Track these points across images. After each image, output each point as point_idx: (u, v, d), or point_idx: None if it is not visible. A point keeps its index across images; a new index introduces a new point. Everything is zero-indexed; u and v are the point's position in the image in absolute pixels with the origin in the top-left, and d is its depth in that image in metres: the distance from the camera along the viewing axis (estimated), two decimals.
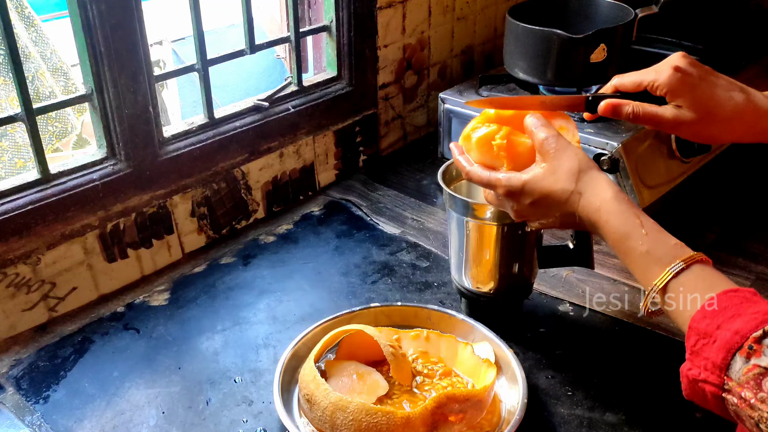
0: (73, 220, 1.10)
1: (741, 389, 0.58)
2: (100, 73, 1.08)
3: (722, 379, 0.59)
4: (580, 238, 1.02)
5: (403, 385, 0.93)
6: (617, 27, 1.30)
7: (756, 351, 0.57)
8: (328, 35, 1.44)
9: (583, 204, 0.75)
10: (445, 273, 1.20)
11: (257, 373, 1.00)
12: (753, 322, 0.59)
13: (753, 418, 0.57)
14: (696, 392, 0.64)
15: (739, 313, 0.60)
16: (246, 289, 1.17)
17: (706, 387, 0.61)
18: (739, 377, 0.58)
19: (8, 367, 1.02)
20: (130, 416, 0.93)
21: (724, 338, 0.60)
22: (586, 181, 0.75)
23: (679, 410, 0.92)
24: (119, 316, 1.12)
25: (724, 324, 0.60)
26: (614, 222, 0.72)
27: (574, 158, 0.76)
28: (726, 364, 0.59)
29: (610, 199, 0.73)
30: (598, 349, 1.03)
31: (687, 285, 0.67)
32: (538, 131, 0.79)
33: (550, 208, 0.78)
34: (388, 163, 1.57)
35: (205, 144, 1.25)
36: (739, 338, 0.58)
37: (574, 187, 0.75)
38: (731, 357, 0.58)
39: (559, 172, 0.76)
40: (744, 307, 0.61)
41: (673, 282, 0.67)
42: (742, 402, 0.58)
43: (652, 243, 0.70)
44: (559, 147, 0.77)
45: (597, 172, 0.76)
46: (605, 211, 0.73)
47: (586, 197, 0.74)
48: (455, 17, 1.63)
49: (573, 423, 0.91)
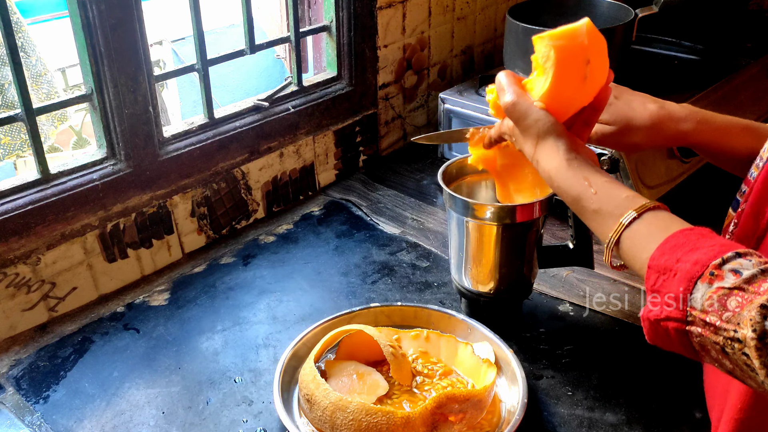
0: (73, 220, 1.10)
1: (705, 315, 0.58)
2: (100, 73, 1.08)
3: (684, 311, 0.60)
4: (580, 238, 1.02)
5: (403, 385, 0.93)
6: (617, 27, 1.30)
7: (717, 276, 0.58)
8: (328, 35, 1.44)
9: (541, 170, 0.79)
10: (445, 273, 1.20)
11: (257, 373, 1.00)
12: (711, 252, 0.60)
13: (718, 344, 0.58)
14: (659, 334, 0.64)
15: (697, 247, 0.61)
16: (246, 289, 1.17)
17: (669, 324, 0.61)
18: (702, 304, 0.58)
19: (8, 367, 1.02)
20: (130, 416, 0.93)
21: (684, 269, 0.60)
22: (542, 147, 0.79)
23: (679, 410, 0.92)
24: (119, 316, 1.12)
25: (683, 257, 0.61)
26: (565, 187, 0.76)
27: (536, 122, 0.80)
28: (687, 294, 0.59)
29: (559, 166, 0.77)
30: (598, 349, 1.03)
31: (641, 231, 0.68)
32: (503, 94, 0.83)
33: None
34: (388, 163, 1.58)
35: (205, 144, 1.25)
36: (700, 267, 0.59)
37: (533, 153, 0.80)
38: (693, 286, 0.59)
39: (525, 134, 0.81)
40: (701, 241, 0.62)
41: (627, 232, 0.69)
42: (706, 329, 0.58)
43: (602, 200, 0.72)
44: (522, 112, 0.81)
45: (551, 139, 0.79)
46: (556, 178, 0.77)
47: (541, 165, 0.79)
48: (455, 17, 1.63)
49: (573, 423, 0.91)
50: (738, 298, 0.56)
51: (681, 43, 1.57)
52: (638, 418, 0.91)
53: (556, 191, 0.79)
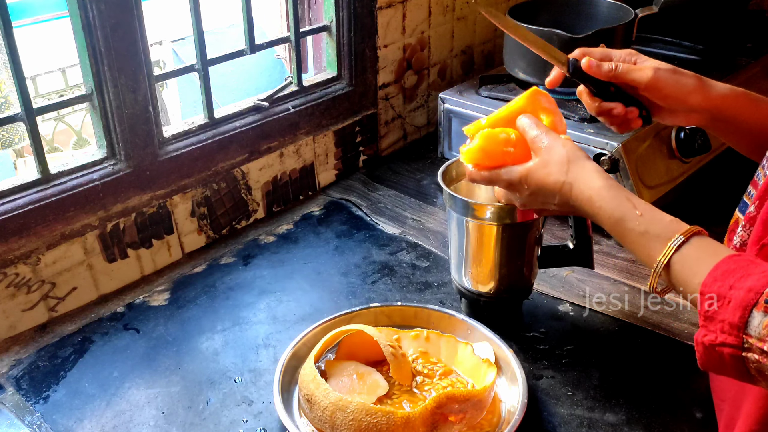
0: (73, 220, 1.10)
1: (762, 344, 0.58)
2: (100, 73, 1.08)
3: (741, 338, 0.60)
4: (580, 238, 1.02)
5: (403, 385, 0.93)
6: (617, 27, 1.30)
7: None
8: (328, 35, 1.44)
9: (575, 194, 0.78)
10: (445, 273, 1.20)
11: (257, 373, 1.00)
12: (764, 279, 0.60)
13: None
14: (712, 358, 0.64)
15: (749, 273, 0.62)
16: (246, 289, 1.17)
17: (724, 350, 0.62)
18: (759, 332, 0.59)
19: (8, 367, 1.02)
20: (130, 416, 0.93)
21: (738, 297, 0.61)
22: (576, 171, 0.78)
23: (679, 410, 0.92)
24: (119, 316, 1.12)
25: (736, 284, 0.61)
26: (607, 208, 0.75)
27: (563, 150, 0.80)
28: (744, 322, 0.60)
29: (600, 187, 0.76)
30: (598, 349, 1.03)
31: (691, 256, 0.68)
32: (530, 129, 0.84)
33: (547, 197, 0.82)
34: (388, 163, 1.57)
35: (205, 144, 1.25)
36: (754, 295, 0.60)
37: (565, 178, 0.79)
38: (748, 314, 0.59)
39: (550, 165, 0.80)
40: (751, 267, 0.62)
41: (677, 255, 0.69)
42: (764, 357, 0.59)
43: (648, 222, 0.72)
44: (550, 141, 0.82)
45: (585, 161, 0.80)
46: (597, 199, 0.76)
47: (577, 187, 0.78)
48: (455, 17, 1.63)
49: (573, 423, 0.91)
50: None
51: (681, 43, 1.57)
52: (638, 418, 0.91)
53: (594, 213, 0.77)
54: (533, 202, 0.85)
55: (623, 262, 1.21)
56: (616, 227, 0.75)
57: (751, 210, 0.76)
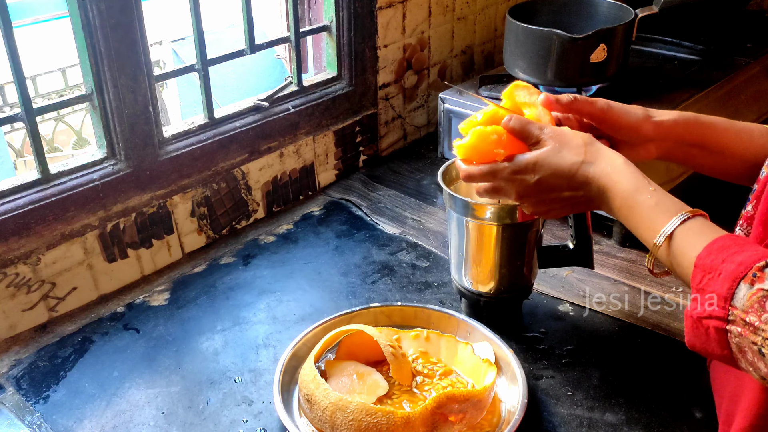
0: (73, 220, 1.10)
1: (746, 315, 0.60)
2: (100, 73, 1.08)
3: (726, 309, 0.61)
4: (580, 238, 1.02)
5: (403, 385, 0.93)
6: (617, 27, 1.30)
7: (759, 277, 0.60)
8: (328, 35, 1.44)
9: (593, 170, 0.79)
10: (445, 273, 1.20)
11: (257, 373, 1.00)
12: (756, 255, 0.62)
13: (756, 344, 0.59)
14: (698, 333, 0.65)
15: (744, 249, 0.63)
16: (246, 289, 1.17)
17: (710, 323, 0.63)
18: (743, 304, 0.60)
19: (8, 367, 1.02)
20: (130, 416, 0.93)
21: (728, 269, 0.62)
22: (593, 151, 0.80)
23: (679, 410, 0.92)
24: (119, 316, 1.12)
25: (728, 258, 0.63)
26: (624, 181, 0.77)
27: (577, 135, 0.82)
28: (731, 293, 0.61)
29: (621, 162, 0.79)
30: (598, 349, 1.03)
31: (693, 230, 0.70)
32: (530, 128, 0.84)
33: (558, 183, 0.82)
34: (388, 163, 1.58)
35: (205, 144, 1.25)
36: (744, 268, 0.61)
37: (583, 158, 0.80)
38: (736, 286, 0.61)
39: (565, 148, 0.81)
40: (746, 246, 0.64)
41: (680, 228, 0.71)
42: (746, 329, 0.60)
43: (659, 197, 0.75)
44: (557, 130, 0.83)
45: (600, 144, 0.82)
46: (616, 172, 0.78)
47: (597, 164, 0.79)
48: (455, 17, 1.63)
49: (573, 423, 0.91)
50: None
51: (681, 43, 1.57)
52: (638, 418, 0.91)
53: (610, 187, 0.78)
54: (535, 192, 0.84)
55: (623, 262, 1.21)
56: (629, 199, 0.76)
57: (749, 209, 0.77)
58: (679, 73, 1.47)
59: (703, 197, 1.35)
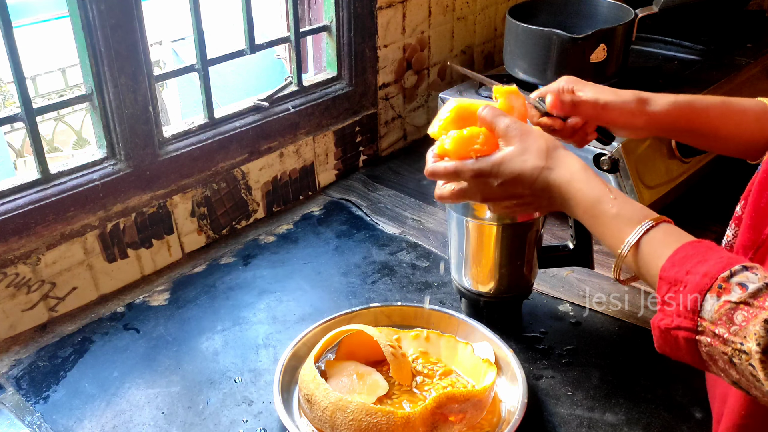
0: (73, 220, 1.10)
1: (715, 327, 0.60)
2: (100, 73, 1.08)
3: (695, 321, 0.62)
4: (580, 238, 1.02)
5: (403, 385, 0.93)
6: (617, 27, 1.30)
7: (725, 289, 0.60)
8: (328, 35, 1.44)
9: (554, 177, 0.78)
10: (445, 273, 1.20)
11: (257, 373, 1.00)
12: (719, 265, 0.62)
13: (726, 354, 0.60)
14: (668, 342, 0.65)
15: (706, 259, 0.63)
16: (246, 289, 1.17)
17: (679, 333, 0.63)
18: (711, 316, 0.60)
19: (8, 367, 1.02)
20: (130, 416, 0.93)
21: (693, 282, 0.62)
22: (555, 157, 0.79)
23: (679, 410, 0.92)
24: (119, 316, 1.12)
25: (692, 269, 0.63)
26: (585, 189, 0.76)
27: (541, 138, 0.80)
28: (698, 306, 0.61)
29: (579, 170, 0.77)
30: (598, 349, 1.03)
31: (657, 239, 0.70)
32: (499, 120, 0.82)
33: (520, 187, 0.80)
34: (388, 163, 1.57)
35: (205, 144, 1.25)
36: (709, 279, 0.61)
37: (545, 163, 0.79)
38: (702, 298, 0.61)
39: (528, 152, 0.79)
40: (709, 254, 0.64)
41: (645, 238, 0.70)
42: (716, 340, 0.60)
43: (621, 205, 0.73)
44: (524, 130, 0.81)
45: (563, 150, 0.80)
46: (576, 180, 0.77)
47: (558, 171, 0.78)
48: (455, 17, 1.63)
49: (573, 423, 0.91)
50: (744, 313, 0.58)
51: (681, 43, 1.57)
52: (638, 418, 0.91)
53: (571, 196, 0.77)
54: (500, 195, 0.82)
55: None
56: (591, 209, 0.75)
57: (737, 210, 0.77)
58: (679, 73, 1.47)
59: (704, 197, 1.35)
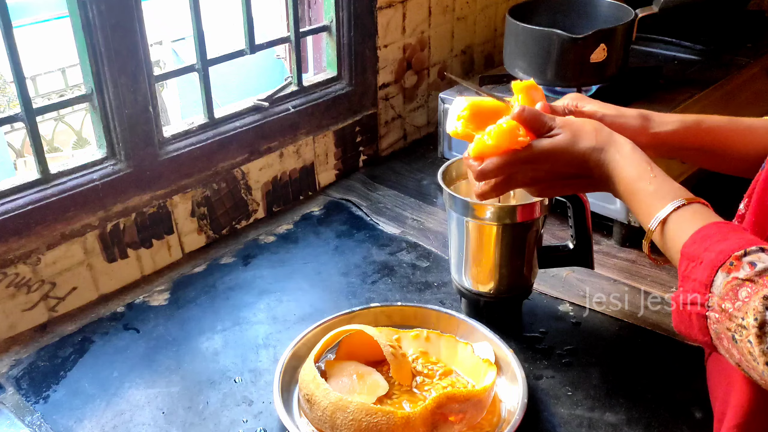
0: (73, 220, 1.10)
1: (722, 301, 0.61)
2: (100, 73, 1.08)
3: (706, 297, 0.63)
4: (580, 238, 1.02)
5: (403, 385, 0.93)
6: (617, 27, 1.30)
7: (735, 266, 0.62)
8: (328, 35, 1.44)
9: (604, 157, 0.81)
10: (445, 273, 1.20)
11: (257, 373, 1.00)
12: (736, 245, 0.63)
13: (730, 330, 0.61)
14: (683, 319, 0.67)
15: (726, 238, 0.65)
16: (246, 289, 1.17)
17: (692, 310, 0.65)
18: (720, 291, 0.62)
19: (8, 367, 1.02)
20: (130, 416, 0.93)
21: (709, 258, 0.64)
22: (605, 137, 0.82)
23: (679, 410, 0.92)
24: (119, 316, 1.12)
25: (711, 246, 0.65)
26: (629, 168, 0.79)
27: (587, 122, 0.84)
28: (711, 281, 0.63)
29: (629, 150, 0.80)
30: (598, 349, 1.03)
31: (685, 217, 0.72)
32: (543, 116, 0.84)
33: (569, 169, 0.83)
34: (388, 163, 1.58)
35: (205, 144, 1.25)
36: (723, 257, 0.63)
37: (595, 144, 0.82)
38: (714, 273, 0.63)
39: (578, 136, 0.82)
40: (730, 234, 0.66)
41: (673, 215, 0.72)
42: (723, 315, 0.61)
43: (659, 183, 0.76)
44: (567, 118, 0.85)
45: (610, 130, 0.83)
46: (623, 158, 0.80)
47: (608, 150, 0.81)
48: (455, 17, 1.63)
49: (573, 423, 0.91)
50: (748, 289, 0.60)
51: (681, 43, 1.56)
52: (638, 418, 0.91)
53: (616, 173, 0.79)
54: (545, 179, 0.85)
55: (623, 262, 1.21)
56: (630, 185, 0.78)
57: (741, 208, 0.77)
58: (679, 73, 1.47)
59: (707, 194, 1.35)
